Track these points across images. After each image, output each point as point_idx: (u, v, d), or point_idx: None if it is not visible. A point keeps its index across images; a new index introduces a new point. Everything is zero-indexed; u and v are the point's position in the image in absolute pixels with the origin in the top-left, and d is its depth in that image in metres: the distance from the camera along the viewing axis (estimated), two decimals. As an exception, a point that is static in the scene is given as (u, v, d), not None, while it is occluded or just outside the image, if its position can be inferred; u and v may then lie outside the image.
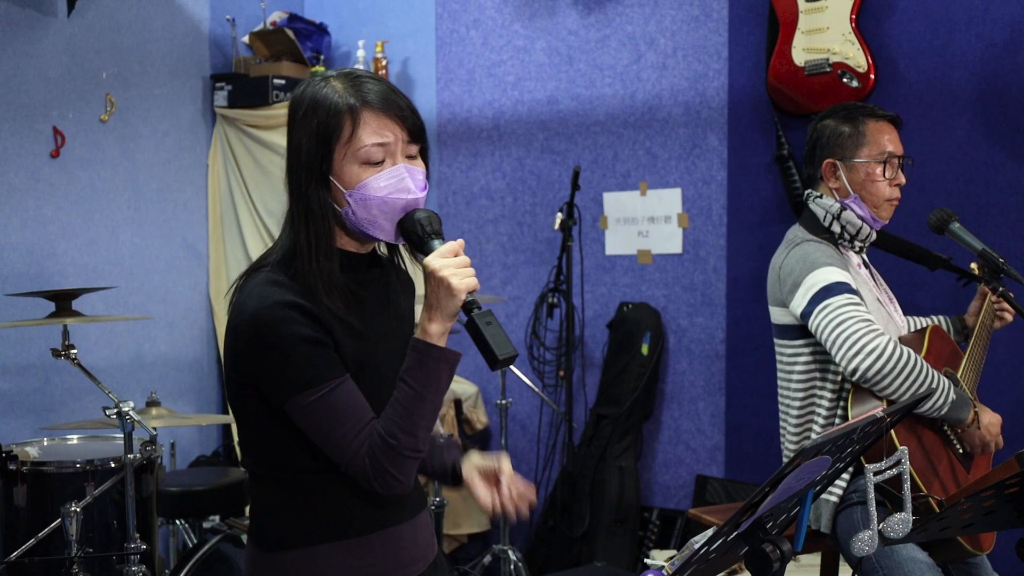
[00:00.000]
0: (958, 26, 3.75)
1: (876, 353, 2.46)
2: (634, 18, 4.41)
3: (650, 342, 4.34)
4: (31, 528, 2.98)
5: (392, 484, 1.69)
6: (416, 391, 1.67)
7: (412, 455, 1.68)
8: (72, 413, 4.08)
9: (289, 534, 1.78)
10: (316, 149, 1.71)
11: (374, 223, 1.73)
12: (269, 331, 1.67)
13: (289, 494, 1.78)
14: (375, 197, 1.71)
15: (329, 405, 1.67)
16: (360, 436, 1.68)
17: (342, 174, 1.71)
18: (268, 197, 4.62)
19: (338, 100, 1.71)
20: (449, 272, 1.65)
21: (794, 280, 2.63)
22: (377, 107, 1.72)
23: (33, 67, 4.04)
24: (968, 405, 2.59)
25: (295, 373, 1.67)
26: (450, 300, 1.66)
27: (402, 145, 1.74)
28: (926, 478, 2.52)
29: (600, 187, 4.51)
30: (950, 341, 2.86)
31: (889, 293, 2.86)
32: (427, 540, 1.92)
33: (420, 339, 1.69)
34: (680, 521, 4.30)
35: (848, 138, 2.71)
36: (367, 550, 1.80)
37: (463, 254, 1.69)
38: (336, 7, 5.08)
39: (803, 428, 2.74)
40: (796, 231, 2.78)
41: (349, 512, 1.78)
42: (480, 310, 1.66)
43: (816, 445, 1.43)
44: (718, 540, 1.44)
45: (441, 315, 1.67)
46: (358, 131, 1.70)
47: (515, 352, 1.64)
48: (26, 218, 4.04)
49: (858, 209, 2.72)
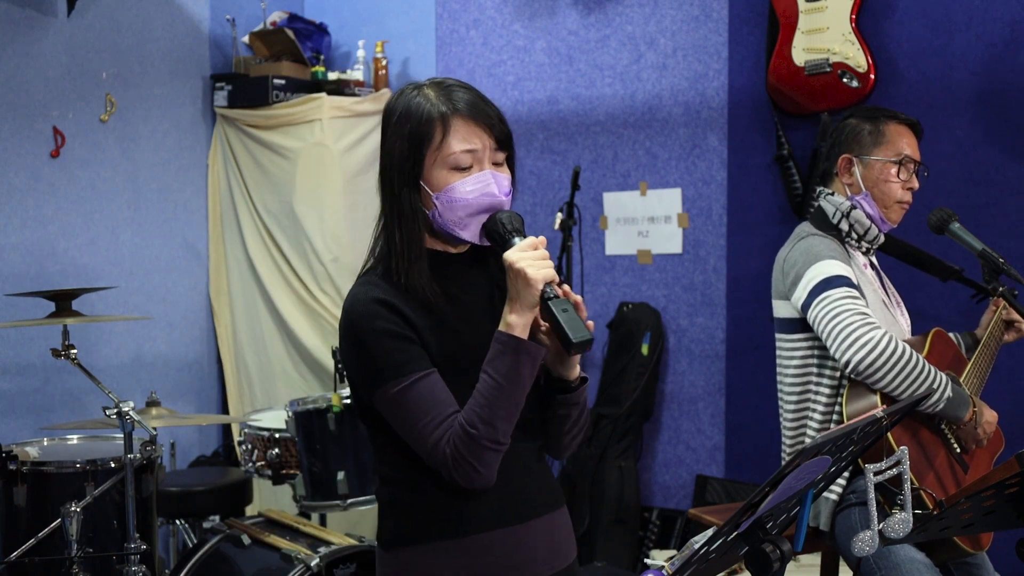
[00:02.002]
0: (958, 26, 3.75)
1: (870, 345, 2.46)
2: (634, 18, 4.41)
3: (650, 342, 4.34)
4: (31, 528, 2.98)
5: (471, 475, 1.73)
6: (496, 382, 1.72)
7: (491, 446, 1.72)
8: (72, 413, 4.09)
9: (405, 532, 1.83)
10: (408, 154, 1.80)
11: (460, 224, 1.80)
12: (356, 328, 1.77)
13: (409, 491, 1.83)
14: (461, 200, 1.78)
15: (412, 396, 1.73)
16: (442, 427, 1.73)
17: (431, 178, 1.80)
18: (268, 197, 4.62)
19: (430, 108, 1.80)
20: (526, 263, 1.71)
21: (796, 273, 2.65)
22: (467, 115, 1.81)
23: (33, 67, 4.04)
24: (966, 404, 2.59)
25: (378, 365, 1.75)
26: (528, 290, 1.71)
27: (489, 152, 1.83)
28: (920, 471, 2.53)
29: (600, 187, 4.51)
30: (953, 346, 2.86)
31: (896, 298, 2.86)
32: (553, 545, 1.91)
33: (502, 331, 1.74)
34: (680, 521, 4.30)
35: (867, 135, 2.74)
36: (479, 550, 1.81)
37: (543, 249, 1.75)
38: (336, 7, 5.08)
39: (799, 424, 2.75)
40: (804, 226, 2.80)
41: (460, 512, 1.81)
42: (557, 299, 1.71)
43: (816, 445, 1.43)
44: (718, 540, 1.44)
45: (521, 306, 1.72)
46: (448, 138, 1.79)
47: (590, 336, 1.69)
48: (26, 218, 4.04)
49: (868, 207, 2.73)
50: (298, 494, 3.46)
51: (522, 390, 1.74)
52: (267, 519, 3.41)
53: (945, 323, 2.94)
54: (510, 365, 1.72)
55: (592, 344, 1.69)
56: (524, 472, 1.86)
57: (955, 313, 3.62)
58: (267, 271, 4.62)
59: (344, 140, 4.54)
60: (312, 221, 4.48)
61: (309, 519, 3.53)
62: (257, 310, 4.67)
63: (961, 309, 3.56)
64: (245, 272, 4.70)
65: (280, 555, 3.10)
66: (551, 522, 1.91)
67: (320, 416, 3.41)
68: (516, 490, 1.84)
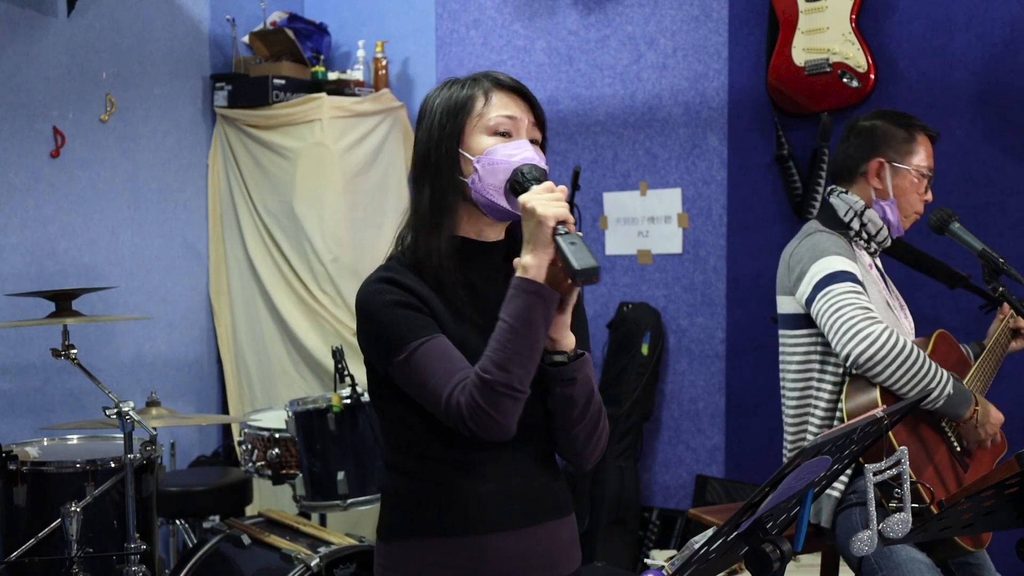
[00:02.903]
0: (958, 26, 3.75)
1: (870, 339, 2.46)
2: (634, 18, 4.41)
3: (650, 342, 4.34)
4: (31, 528, 2.98)
5: (487, 423, 1.68)
6: (509, 324, 1.69)
7: (506, 392, 1.67)
8: (72, 413, 4.08)
9: (400, 525, 1.82)
10: (447, 122, 1.81)
11: (499, 189, 1.77)
12: (365, 306, 1.78)
13: (411, 484, 1.82)
14: (503, 162, 1.77)
15: (422, 357, 1.72)
16: (454, 379, 1.71)
17: (471, 144, 1.80)
18: (268, 197, 4.62)
19: (469, 86, 1.85)
20: (537, 202, 1.68)
21: (801, 268, 2.65)
22: (508, 87, 1.85)
23: (33, 67, 4.04)
24: (968, 402, 2.59)
25: (388, 333, 1.75)
26: (540, 229, 1.68)
27: (528, 125, 1.84)
28: (919, 467, 2.53)
29: (600, 187, 4.51)
30: (957, 348, 2.86)
31: (901, 300, 2.86)
32: (553, 553, 1.86)
33: (516, 275, 1.71)
34: (680, 521, 4.30)
35: (902, 143, 2.74)
36: (471, 552, 1.79)
37: (559, 193, 1.72)
38: (336, 7, 5.08)
39: (801, 421, 2.75)
40: (812, 224, 2.80)
41: (458, 510, 1.79)
42: (567, 234, 1.67)
43: (816, 445, 1.43)
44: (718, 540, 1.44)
45: (534, 246, 1.69)
46: (489, 104, 1.82)
47: (595, 264, 1.63)
48: (26, 218, 4.04)
49: (891, 213, 2.74)
50: (298, 494, 3.46)
51: (535, 334, 1.69)
52: (267, 519, 3.41)
53: (949, 328, 2.94)
54: (522, 306, 1.68)
55: (599, 273, 1.63)
56: (523, 476, 1.82)
57: (960, 318, 3.61)
58: (267, 271, 4.62)
59: (344, 140, 4.54)
60: (312, 221, 4.48)
61: (309, 519, 3.53)
62: (257, 310, 4.67)
63: (966, 314, 3.55)
64: (245, 272, 4.70)
65: (280, 555, 3.10)
66: (553, 530, 1.86)
67: (320, 416, 3.41)
68: (515, 495, 1.81)
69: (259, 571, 3.14)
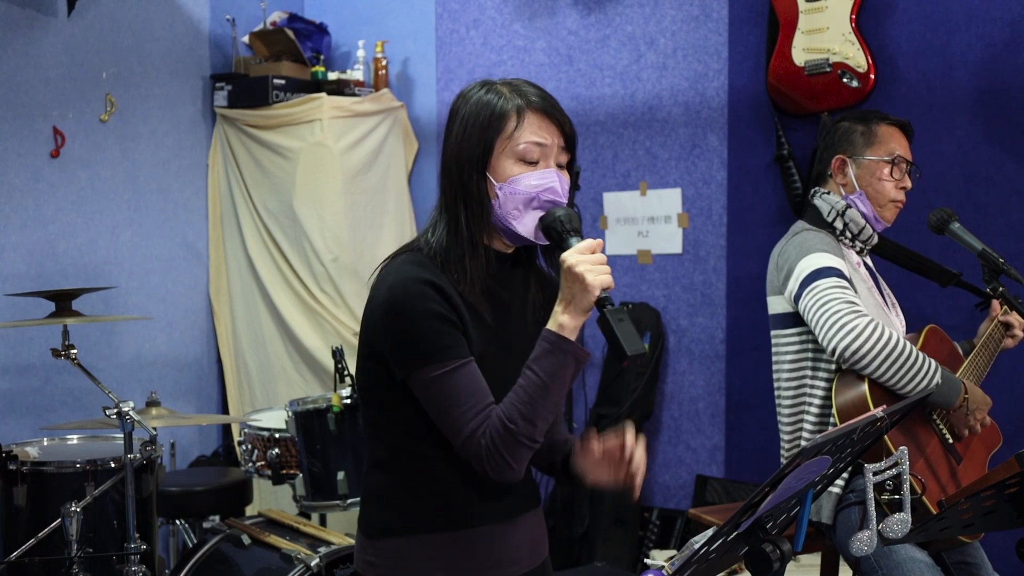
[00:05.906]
0: (958, 26, 3.75)
1: (855, 332, 2.47)
2: (634, 18, 4.41)
3: (650, 342, 4.34)
4: (31, 528, 2.98)
5: (503, 469, 1.72)
6: (541, 380, 1.71)
7: (527, 443, 1.71)
8: (72, 413, 4.09)
9: (391, 522, 1.84)
10: (478, 141, 1.81)
11: (517, 217, 1.79)
12: (403, 303, 1.75)
13: (402, 480, 1.84)
14: (524, 192, 1.79)
15: (452, 382, 1.73)
16: (479, 417, 1.72)
17: (497, 167, 1.81)
18: (268, 197, 4.62)
19: (504, 101, 1.82)
20: (585, 268, 1.70)
21: (789, 266, 2.68)
22: (540, 109, 1.82)
23: (33, 67, 4.04)
24: (957, 390, 2.60)
25: (423, 346, 1.73)
26: (584, 295, 1.71)
27: (557, 150, 1.83)
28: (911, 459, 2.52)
29: (600, 187, 4.51)
30: (949, 343, 2.87)
31: (892, 299, 2.87)
32: (532, 543, 1.94)
33: (551, 330, 1.73)
34: (680, 521, 4.30)
35: (859, 136, 2.79)
36: (465, 545, 1.83)
37: (600, 253, 1.74)
38: (336, 7, 5.08)
39: (796, 420, 2.75)
40: (799, 224, 2.83)
41: (450, 506, 1.82)
42: (613, 307, 1.70)
43: (815, 445, 1.43)
44: (718, 540, 1.44)
45: (575, 309, 1.72)
46: (520, 128, 1.80)
47: (644, 349, 1.68)
48: (26, 218, 4.04)
49: (862, 206, 2.76)
50: (298, 494, 3.46)
51: (563, 392, 1.74)
52: (267, 519, 3.41)
53: (945, 327, 2.95)
54: (557, 365, 1.71)
55: (645, 356, 1.69)
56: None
57: (955, 317, 3.61)
58: (267, 271, 4.62)
59: (344, 140, 4.54)
60: (312, 221, 4.48)
61: (309, 519, 3.53)
62: (257, 310, 4.68)
63: (961, 312, 3.55)
64: (245, 272, 4.70)
65: (280, 555, 3.10)
66: (533, 519, 1.94)
67: (320, 416, 3.41)
68: (505, 488, 1.85)
69: (259, 571, 3.14)
